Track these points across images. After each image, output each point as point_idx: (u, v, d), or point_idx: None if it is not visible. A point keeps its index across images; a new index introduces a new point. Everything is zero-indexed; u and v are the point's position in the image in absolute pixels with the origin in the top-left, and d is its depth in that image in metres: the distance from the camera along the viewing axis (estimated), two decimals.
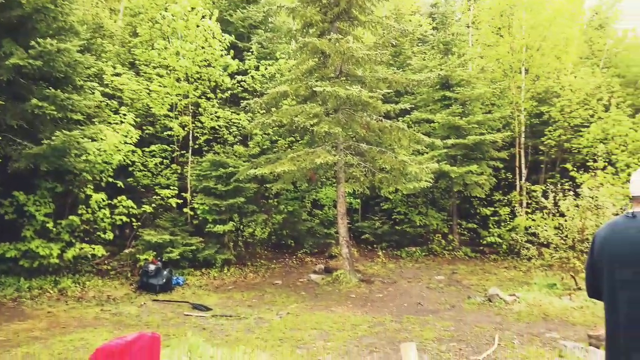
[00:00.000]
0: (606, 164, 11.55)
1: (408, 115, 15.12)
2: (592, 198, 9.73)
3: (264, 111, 11.91)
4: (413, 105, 15.30)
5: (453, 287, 10.44)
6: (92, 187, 9.73)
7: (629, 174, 11.21)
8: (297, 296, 9.29)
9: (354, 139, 11.65)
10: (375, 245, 14.99)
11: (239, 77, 13.37)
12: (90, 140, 8.95)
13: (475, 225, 15.31)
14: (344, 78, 11.00)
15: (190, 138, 12.49)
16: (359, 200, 15.99)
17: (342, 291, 9.77)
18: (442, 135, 14.35)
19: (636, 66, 16.26)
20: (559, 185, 10.92)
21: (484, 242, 14.41)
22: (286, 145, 13.99)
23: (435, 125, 14.86)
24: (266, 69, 13.75)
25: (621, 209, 9.91)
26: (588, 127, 13.18)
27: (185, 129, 12.27)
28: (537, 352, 5.47)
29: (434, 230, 15.15)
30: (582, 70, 14.69)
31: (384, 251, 14.45)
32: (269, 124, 11.19)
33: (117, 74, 11.60)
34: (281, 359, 5.08)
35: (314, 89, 9.83)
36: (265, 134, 13.91)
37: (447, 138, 13.86)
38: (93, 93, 9.89)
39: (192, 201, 11.85)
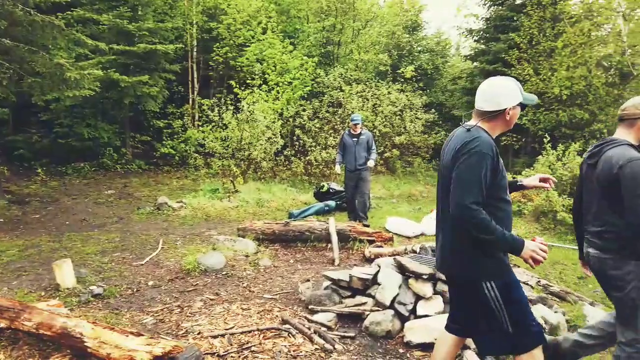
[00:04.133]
0: (261, 82, 13.15)
1: (69, 12, 13.09)
2: (249, 112, 11.04)
3: None
4: (74, 0, 13.31)
5: (124, 200, 10.30)
6: None
7: (277, 92, 13.15)
8: None
9: None
10: (33, 162, 13.05)
11: None
12: None
13: (149, 138, 15.20)
14: None
15: None
16: (7, 110, 13.34)
17: None
18: (110, 39, 13.15)
19: None
20: (222, 100, 11.86)
21: (158, 154, 14.56)
22: None
23: (104, 28, 13.46)
24: None
25: (273, 122, 11.66)
26: (249, 47, 14.53)
27: None
28: (195, 249, 6.09)
29: (105, 144, 14.26)
30: None
31: (44, 168, 12.76)
32: None
33: None
34: None
35: None
36: None
37: (116, 43, 12.83)
38: None
39: None
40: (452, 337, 2.70)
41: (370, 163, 7.73)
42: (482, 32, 17.97)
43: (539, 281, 5.51)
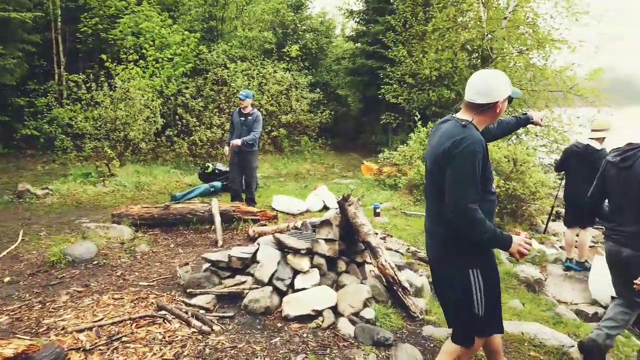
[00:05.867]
0: (138, 57, 12.28)
1: None
2: (124, 90, 10.30)
3: None
4: None
5: None
6: None
7: (156, 68, 12.39)
8: None
9: None
10: None
11: None
12: None
13: (7, 118, 13.44)
14: None
15: None
16: None
17: None
18: None
19: None
20: (92, 76, 10.88)
21: (19, 136, 12.96)
22: None
23: None
24: None
25: (151, 100, 10.98)
26: (123, 19, 13.42)
27: None
28: (63, 239, 5.61)
29: None
30: None
31: None
32: None
33: None
34: None
35: None
36: None
37: None
38: None
39: None
40: None
41: (236, 141, 7.05)
42: (362, 14, 18.61)
43: (408, 248, 5.98)
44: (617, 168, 3.15)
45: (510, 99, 2.44)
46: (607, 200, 3.46)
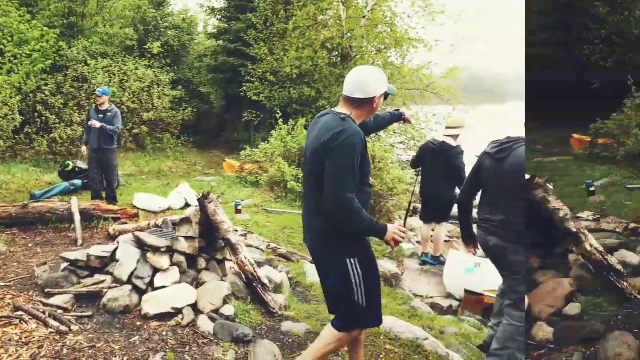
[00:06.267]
0: None
1: None
2: None
3: None
4: None
5: None
6: None
7: (14, 64, 11.43)
8: None
9: None
10: None
11: None
12: None
13: None
14: None
15: None
16: None
17: None
18: None
19: None
20: None
21: None
22: None
23: None
24: None
25: (9, 97, 10.02)
26: None
27: None
28: None
29: None
30: None
31: None
32: None
33: None
34: None
35: None
36: None
37: None
38: None
39: None
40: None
41: (95, 122, 7.04)
42: (223, 11, 18.67)
43: (268, 245, 6.13)
44: (493, 159, 3.20)
45: (386, 95, 2.57)
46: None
